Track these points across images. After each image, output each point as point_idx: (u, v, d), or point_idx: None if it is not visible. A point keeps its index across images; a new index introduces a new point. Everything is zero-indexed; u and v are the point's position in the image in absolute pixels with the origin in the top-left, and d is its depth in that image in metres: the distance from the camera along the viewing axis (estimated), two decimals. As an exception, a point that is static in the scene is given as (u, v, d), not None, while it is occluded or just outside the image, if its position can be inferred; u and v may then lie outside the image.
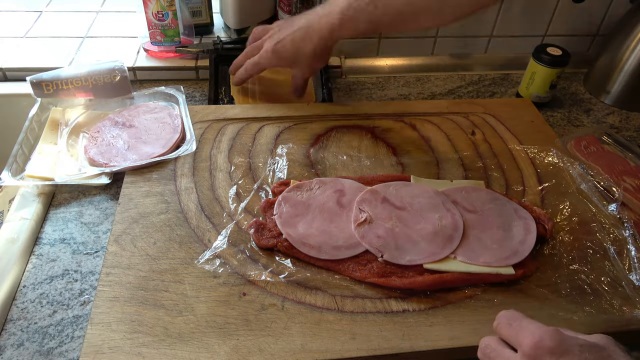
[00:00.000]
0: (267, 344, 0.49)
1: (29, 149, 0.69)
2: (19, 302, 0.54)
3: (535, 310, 0.53)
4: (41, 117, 0.73)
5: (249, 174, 0.68)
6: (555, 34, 0.97)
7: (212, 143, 0.72)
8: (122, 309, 0.51)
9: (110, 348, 0.48)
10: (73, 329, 0.52)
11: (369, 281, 0.55)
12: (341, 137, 0.75)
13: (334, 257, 0.57)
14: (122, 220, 0.60)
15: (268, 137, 0.74)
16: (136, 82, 0.87)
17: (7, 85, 0.83)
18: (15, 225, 0.59)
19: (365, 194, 0.63)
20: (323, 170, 0.69)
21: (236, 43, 0.90)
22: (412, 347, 0.50)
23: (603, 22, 0.96)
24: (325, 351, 0.49)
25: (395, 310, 0.53)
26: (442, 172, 0.70)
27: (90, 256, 0.59)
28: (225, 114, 0.77)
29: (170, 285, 0.54)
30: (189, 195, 0.64)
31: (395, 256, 0.56)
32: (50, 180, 0.65)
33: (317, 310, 0.52)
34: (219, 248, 0.58)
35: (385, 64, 0.94)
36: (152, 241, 0.58)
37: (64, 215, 0.64)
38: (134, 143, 0.71)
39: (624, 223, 0.63)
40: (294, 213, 0.61)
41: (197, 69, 0.88)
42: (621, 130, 0.85)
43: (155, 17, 0.83)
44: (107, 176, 0.66)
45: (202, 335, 0.49)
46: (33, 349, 0.50)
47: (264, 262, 0.57)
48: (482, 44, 0.97)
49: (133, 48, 0.90)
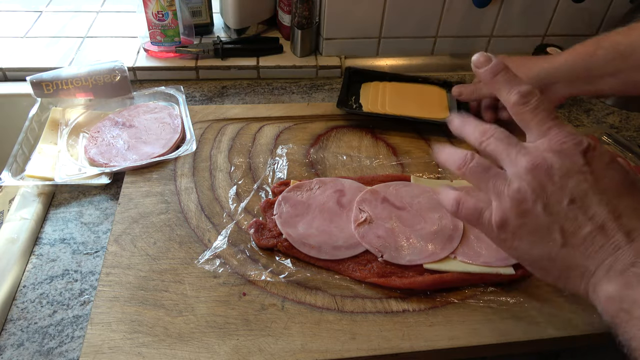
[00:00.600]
0: (267, 344, 0.49)
1: (29, 149, 0.69)
2: (19, 302, 0.54)
3: (535, 310, 0.53)
4: (41, 117, 0.73)
5: (249, 174, 0.68)
6: (555, 34, 0.97)
7: (212, 143, 0.72)
8: (122, 309, 0.51)
9: (110, 348, 0.48)
10: (73, 329, 0.52)
11: (369, 281, 0.55)
12: (341, 137, 0.75)
13: (334, 257, 0.57)
14: (122, 220, 0.60)
15: (268, 137, 0.74)
16: (136, 82, 0.87)
17: (7, 85, 0.83)
18: (15, 225, 0.59)
19: (365, 194, 0.63)
20: (323, 170, 0.69)
21: (236, 43, 0.90)
22: (412, 347, 0.50)
23: (603, 22, 0.96)
24: (325, 351, 0.49)
25: (395, 310, 0.53)
26: (442, 172, 0.70)
27: (90, 256, 0.59)
28: (225, 114, 0.77)
29: (170, 285, 0.54)
30: (189, 195, 0.64)
31: (395, 256, 0.56)
32: (50, 180, 0.65)
33: (317, 310, 0.52)
34: (219, 248, 0.58)
35: (385, 64, 0.94)
36: (152, 241, 0.58)
37: (64, 215, 0.64)
38: (134, 143, 0.71)
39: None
40: (294, 213, 0.61)
41: (197, 69, 0.88)
42: (621, 130, 0.85)
43: (155, 17, 0.83)
44: (107, 176, 0.66)
45: (202, 335, 0.49)
46: (33, 349, 0.50)
47: (264, 262, 0.57)
48: (482, 44, 0.97)
49: (133, 48, 0.90)
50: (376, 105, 0.80)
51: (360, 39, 0.92)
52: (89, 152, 0.69)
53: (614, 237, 0.36)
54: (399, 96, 0.82)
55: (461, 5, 0.89)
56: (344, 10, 0.87)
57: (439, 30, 0.93)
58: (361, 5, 0.87)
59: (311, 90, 0.89)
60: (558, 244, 0.38)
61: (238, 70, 0.89)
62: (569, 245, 0.38)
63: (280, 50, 0.92)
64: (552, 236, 0.38)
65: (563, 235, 0.38)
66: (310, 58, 0.92)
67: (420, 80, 0.86)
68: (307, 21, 0.87)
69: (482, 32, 0.95)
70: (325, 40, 0.91)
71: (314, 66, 0.90)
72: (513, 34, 0.96)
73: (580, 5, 0.92)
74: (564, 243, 0.38)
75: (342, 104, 0.78)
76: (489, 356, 0.53)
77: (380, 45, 0.94)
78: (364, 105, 0.80)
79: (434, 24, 0.92)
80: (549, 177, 0.38)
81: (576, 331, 0.52)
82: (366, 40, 0.92)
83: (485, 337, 0.51)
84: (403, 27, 0.91)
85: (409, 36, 0.93)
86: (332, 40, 0.91)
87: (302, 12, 0.86)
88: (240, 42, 0.91)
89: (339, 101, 0.78)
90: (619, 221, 0.37)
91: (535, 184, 0.38)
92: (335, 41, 0.91)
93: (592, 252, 0.37)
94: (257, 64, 0.89)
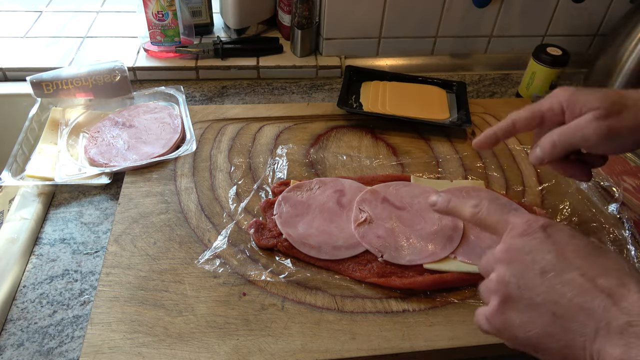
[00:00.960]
0: (267, 344, 0.49)
1: (29, 149, 0.69)
2: (19, 302, 0.54)
3: (535, 310, 0.53)
4: (41, 117, 0.73)
5: (249, 174, 0.68)
6: (555, 34, 0.97)
7: (212, 143, 0.72)
8: (122, 309, 0.51)
9: (110, 348, 0.48)
10: (73, 329, 0.52)
11: (369, 281, 0.55)
12: (341, 137, 0.75)
13: (334, 257, 0.57)
14: (122, 220, 0.60)
15: (268, 137, 0.74)
16: (136, 82, 0.87)
17: (7, 85, 0.83)
18: (15, 225, 0.59)
19: (365, 194, 0.63)
20: (323, 170, 0.69)
21: (236, 43, 0.90)
22: (412, 347, 0.50)
23: (603, 22, 0.96)
24: (325, 351, 0.49)
25: (395, 310, 0.53)
26: (442, 172, 0.70)
27: (90, 256, 0.59)
28: (225, 114, 0.77)
29: (170, 285, 0.54)
30: (189, 195, 0.64)
31: (395, 256, 0.56)
32: (50, 180, 0.65)
33: (317, 310, 0.52)
34: (219, 248, 0.58)
35: (385, 64, 0.94)
36: (152, 241, 0.58)
37: (64, 215, 0.64)
38: (134, 143, 0.71)
39: (624, 223, 0.63)
40: (294, 213, 0.61)
41: (197, 69, 0.88)
42: (621, 130, 0.85)
43: (155, 17, 0.83)
44: (107, 176, 0.66)
45: (202, 335, 0.49)
46: (33, 349, 0.50)
47: (264, 262, 0.57)
48: (482, 44, 0.97)
49: (133, 48, 0.90)
50: (376, 105, 0.80)
51: (360, 39, 0.92)
52: (89, 152, 0.69)
53: (597, 298, 0.36)
54: (399, 96, 0.82)
55: (461, 5, 0.89)
56: (344, 10, 0.87)
57: (439, 30, 0.93)
58: (361, 5, 0.87)
59: (311, 90, 0.89)
60: (547, 318, 0.38)
61: (238, 70, 0.89)
62: (558, 316, 0.38)
63: (280, 50, 0.92)
64: (539, 311, 0.38)
65: (547, 307, 0.38)
66: (310, 58, 0.92)
67: (420, 80, 0.86)
68: (307, 21, 0.87)
69: (482, 32, 0.95)
70: (325, 40, 0.91)
71: (314, 66, 0.90)
72: (513, 34, 0.96)
73: (580, 5, 0.92)
74: (552, 314, 0.38)
75: (342, 103, 0.78)
76: (489, 356, 0.53)
77: (380, 45, 0.94)
78: (364, 105, 0.80)
79: (434, 24, 0.92)
80: (519, 256, 0.40)
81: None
82: (366, 40, 0.92)
83: (485, 337, 0.51)
84: (403, 27, 0.91)
85: (409, 36, 0.93)
86: (332, 40, 0.91)
87: (302, 12, 0.86)
88: (240, 42, 0.91)
89: (339, 100, 0.78)
90: (595, 282, 0.37)
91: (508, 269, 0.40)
92: (335, 41, 0.91)
93: (583, 317, 0.37)
94: (257, 64, 0.89)
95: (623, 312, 0.35)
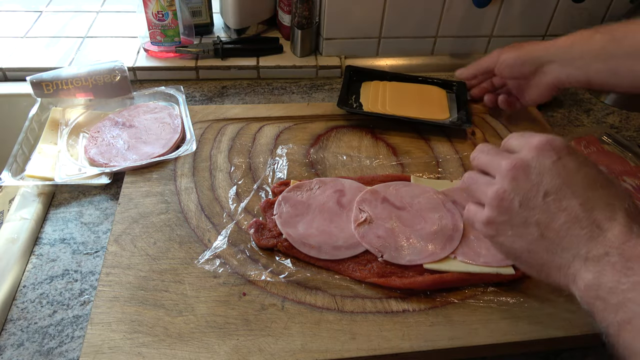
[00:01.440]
0: (267, 344, 0.49)
1: (29, 149, 0.69)
2: (19, 302, 0.54)
3: (535, 310, 0.53)
4: (41, 117, 0.73)
5: (249, 174, 0.68)
6: (555, 34, 0.97)
7: (212, 143, 0.72)
8: (122, 309, 0.51)
9: (110, 348, 0.48)
10: (73, 329, 0.52)
11: (369, 281, 0.55)
12: (341, 137, 0.75)
13: (334, 257, 0.57)
14: (122, 220, 0.60)
15: (268, 137, 0.74)
16: (136, 82, 0.87)
17: (7, 85, 0.83)
18: (15, 225, 0.60)
19: (365, 194, 0.63)
20: (323, 170, 0.69)
21: (236, 43, 0.90)
22: (412, 347, 0.50)
23: (603, 22, 0.96)
24: (325, 351, 0.49)
25: (395, 310, 0.53)
26: (442, 172, 0.70)
27: (90, 256, 0.59)
28: (225, 114, 0.77)
29: (170, 285, 0.54)
30: (189, 195, 0.64)
31: (395, 256, 0.56)
32: (50, 180, 0.65)
33: (317, 310, 0.52)
34: (219, 248, 0.58)
35: (385, 64, 0.94)
36: (152, 241, 0.58)
37: (64, 215, 0.64)
38: (134, 143, 0.71)
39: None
40: (294, 213, 0.61)
41: (197, 69, 0.88)
42: (621, 130, 0.85)
43: (155, 17, 0.83)
44: (107, 176, 0.66)
45: (202, 335, 0.49)
46: (33, 349, 0.50)
47: (264, 262, 0.57)
48: (482, 44, 0.97)
49: (133, 48, 0.90)
50: (376, 105, 0.80)
51: (360, 39, 0.92)
52: (89, 152, 0.69)
53: (587, 228, 0.39)
54: (399, 96, 0.82)
55: (461, 5, 0.89)
56: (344, 10, 0.87)
57: (439, 30, 0.93)
58: (361, 5, 0.87)
59: (311, 90, 0.89)
60: (535, 236, 0.41)
61: (238, 70, 0.89)
62: (545, 237, 0.40)
63: (280, 50, 0.92)
64: (529, 229, 0.41)
65: (539, 227, 0.41)
66: (310, 58, 0.92)
67: (420, 80, 0.86)
68: (307, 21, 0.87)
69: (482, 32, 0.95)
70: (325, 40, 0.91)
71: (314, 66, 0.90)
72: (513, 34, 0.96)
73: (580, 5, 0.92)
74: (540, 235, 0.41)
75: (342, 103, 0.78)
76: (489, 356, 0.53)
77: (380, 45, 0.94)
78: (364, 105, 0.80)
79: (434, 24, 0.92)
80: (526, 175, 0.41)
81: (576, 331, 0.52)
82: (366, 40, 0.92)
83: (485, 337, 0.51)
84: (403, 27, 0.91)
85: (409, 36, 0.93)
86: (332, 40, 0.91)
87: (302, 12, 0.86)
88: (240, 42, 0.91)
89: (339, 100, 0.78)
90: (591, 213, 0.39)
91: (513, 182, 0.42)
92: (335, 41, 0.91)
93: (567, 243, 0.39)
94: (257, 64, 0.89)
95: (604, 243, 0.38)
